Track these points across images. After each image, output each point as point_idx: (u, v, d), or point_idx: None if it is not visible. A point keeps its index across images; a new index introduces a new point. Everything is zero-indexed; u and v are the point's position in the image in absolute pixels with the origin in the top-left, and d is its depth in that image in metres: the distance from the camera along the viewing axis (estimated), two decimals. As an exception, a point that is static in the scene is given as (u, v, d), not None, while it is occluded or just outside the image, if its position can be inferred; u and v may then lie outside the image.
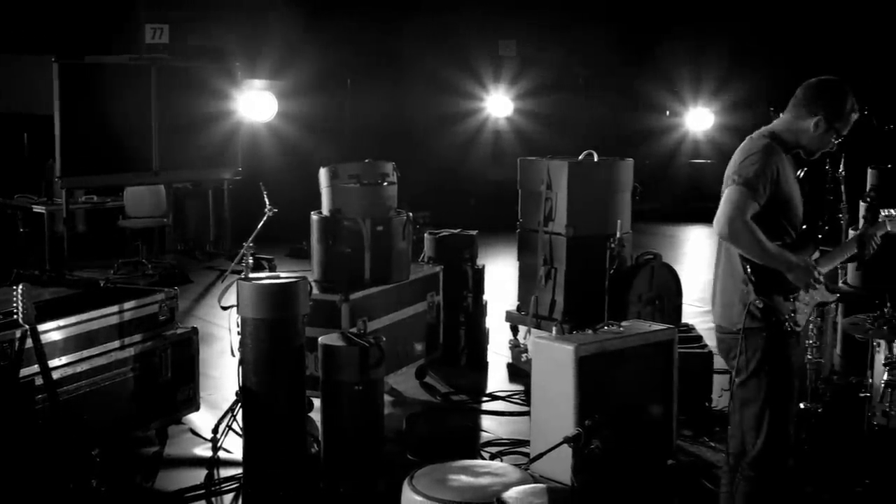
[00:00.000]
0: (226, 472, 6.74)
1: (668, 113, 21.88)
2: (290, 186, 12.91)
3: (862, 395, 6.81)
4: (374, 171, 8.25)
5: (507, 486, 4.67)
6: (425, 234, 9.78)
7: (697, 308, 10.77)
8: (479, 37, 20.09)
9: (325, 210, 8.26)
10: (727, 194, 4.88)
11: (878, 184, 9.88)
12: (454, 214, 13.82)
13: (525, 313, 10.02)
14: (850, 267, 9.94)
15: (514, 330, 10.23)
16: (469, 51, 19.81)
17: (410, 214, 8.56)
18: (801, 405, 7.17)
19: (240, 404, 6.55)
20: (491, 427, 7.99)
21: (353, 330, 6.79)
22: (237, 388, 6.52)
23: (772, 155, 4.96)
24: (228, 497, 6.51)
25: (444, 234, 9.73)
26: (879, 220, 5.76)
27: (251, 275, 6.72)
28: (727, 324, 5.13)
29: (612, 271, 9.16)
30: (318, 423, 6.68)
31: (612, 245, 9.20)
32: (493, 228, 12.92)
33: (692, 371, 7.88)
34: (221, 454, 6.82)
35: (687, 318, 9.99)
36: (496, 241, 13.86)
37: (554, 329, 9.23)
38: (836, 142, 5.14)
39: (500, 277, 11.75)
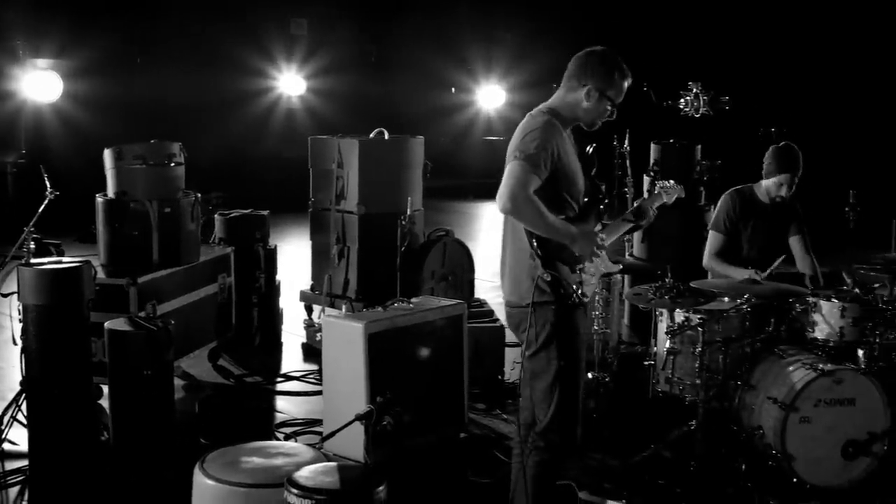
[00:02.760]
0: (11, 465, 6.53)
1: (453, 90, 22.08)
2: (78, 169, 12.53)
3: (647, 363, 7.00)
4: (161, 151, 8.09)
5: (300, 466, 4.64)
6: (216, 215, 9.67)
7: (490, 283, 10.90)
8: (271, 15, 19.95)
9: (111, 192, 8.07)
10: (509, 170, 4.92)
11: (661, 158, 10.22)
12: (247, 195, 13.66)
13: (319, 292, 9.97)
14: (636, 239, 10.25)
15: (309, 309, 10.19)
16: (261, 29, 19.66)
17: (199, 195, 8.43)
18: (590, 375, 7.36)
19: (24, 394, 6.38)
20: (285, 407, 7.98)
21: (142, 314, 6.66)
22: (21, 378, 6.34)
23: (552, 131, 5.03)
24: (14, 490, 6.30)
25: (235, 214, 9.65)
26: (656, 191, 5.96)
27: (32, 260, 6.54)
28: (516, 298, 5.20)
29: (403, 249, 9.22)
30: (108, 411, 6.54)
31: (404, 222, 9.26)
32: (286, 208, 12.80)
33: (484, 345, 8.02)
34: (6, 446, 6.64)
35: (480, 293, 10.14)
36: (289, 221, 13.79)
37: (344, 307, 9.23)
38: (612, 110, 5.24)
39: (294, 257, 11.68)
